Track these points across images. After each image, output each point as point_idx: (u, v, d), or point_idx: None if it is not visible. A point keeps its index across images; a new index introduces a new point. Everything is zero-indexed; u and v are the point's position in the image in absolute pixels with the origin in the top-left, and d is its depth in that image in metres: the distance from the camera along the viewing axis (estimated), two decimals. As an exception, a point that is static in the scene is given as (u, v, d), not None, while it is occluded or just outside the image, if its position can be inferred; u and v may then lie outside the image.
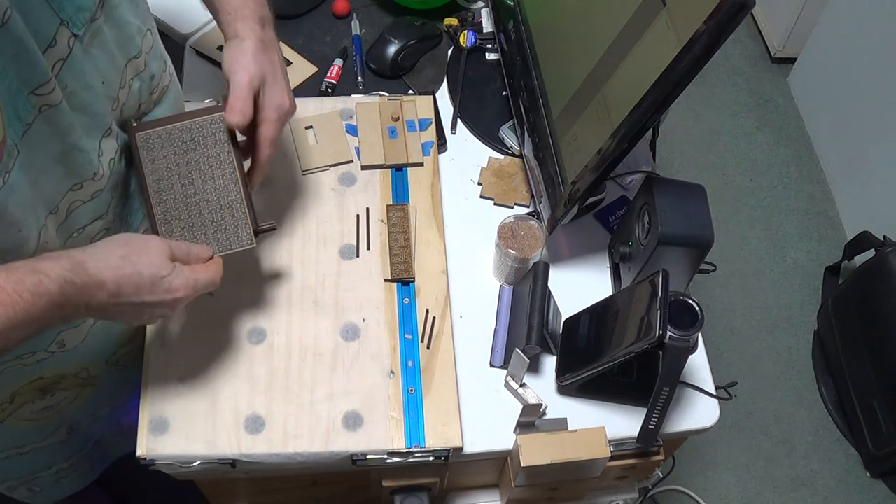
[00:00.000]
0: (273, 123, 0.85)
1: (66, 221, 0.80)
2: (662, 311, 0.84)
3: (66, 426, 1.04)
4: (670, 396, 0.87)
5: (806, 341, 2.01)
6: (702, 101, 2.37)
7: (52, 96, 0.70)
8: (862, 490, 1.83)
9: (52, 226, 0.78)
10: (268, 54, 0.86)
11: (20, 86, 0.67)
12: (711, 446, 1.84)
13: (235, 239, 0.86)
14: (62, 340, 0.87)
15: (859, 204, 2.13)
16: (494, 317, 1.03)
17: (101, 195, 0.83)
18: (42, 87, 0.69)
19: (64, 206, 0.79)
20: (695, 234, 0.91)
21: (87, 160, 0.79)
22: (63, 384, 0.95)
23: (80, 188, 0.80)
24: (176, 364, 0.94)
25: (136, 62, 0.85)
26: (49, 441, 1.03)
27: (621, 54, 0.85)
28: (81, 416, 1.04)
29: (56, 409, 0.98)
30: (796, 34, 2.32)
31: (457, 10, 1.29)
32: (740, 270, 2.10)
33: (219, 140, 0.85)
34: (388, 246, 1.03)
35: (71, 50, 0.73)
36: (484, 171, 1.14)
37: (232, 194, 0.86)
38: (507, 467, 0.98)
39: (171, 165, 0.85)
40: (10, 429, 0.96)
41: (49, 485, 1.13)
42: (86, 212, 0.83)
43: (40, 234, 0.76)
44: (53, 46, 0.70)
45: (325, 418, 0.92)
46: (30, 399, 0.93)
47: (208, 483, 1.03)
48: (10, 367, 0.85)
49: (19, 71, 0.66)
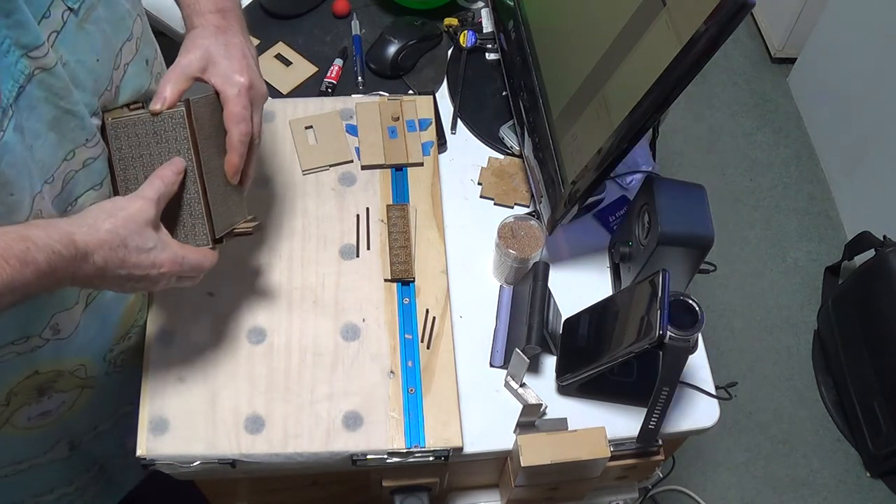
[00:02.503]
0: (232, 100, 0.82)
1: (61, 193, 0.80)
2: (662, 311, 0.84)
3: (67, 440, 1.02)
4: (670, 396, 0.87)
5: (806, 341, 2.01)
6: (702, 101, 2.37)
7: (46, 59, 0.71)
8: (862, 490, 1.83)
9: (48, 196, 0.78)
10: (223, 37, 0.84)
11: (12, 44, 0.68)
12: (711, 446, 1.85)
13: (193, 237, 0.84)
14: (56, 325, 0.86)
15: (859, 204, 2.13)
16: (494, 317, 1.03)
17: (93, 164, 0.82)
18: (35, 49, 0.69)
19: (59, 176, 0.79)
20: (695, 234, 0.91)
21: (80, 125, 0.78)
22: (60, 383, 0.94)
23: (72, 157, 0.79)
24: (176, 364, 0.94)
25: (129, 45, 0.85)
26: (50, 456, 1.01)
27: (621, 54, 0.85)
28: (82, 428, 1.02)
29: (54, 414, 0.96)
30: (796, 34, 2.32)
31: (457, 10, 1.29)
32: (740, 270, 2.10)
33: (179, 136, 0.82)
34: (388, 246, 1.03)
35: (65, 23, 0.73)
36: (484, 171, 1.14)
37: (190, 192, 0.83)
38: (507, 467, 0.98)
39: (135, 155, 0.83)
40: (8, 438, 0.94)
41: None
42: (79, 181, 0.82)
43: (34, 201, 0.75)
44: (48, 17, 0.71)
45: (325, 418, 0.92)
46: (26, 401, 0.92)
47: (208, 483, 1.03)
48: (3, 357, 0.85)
49: (11, 30, 0.67)
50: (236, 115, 0.82)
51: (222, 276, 0.99)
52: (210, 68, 0.82)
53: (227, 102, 0.82)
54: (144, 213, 0.75)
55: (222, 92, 0.82)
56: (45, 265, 0.66)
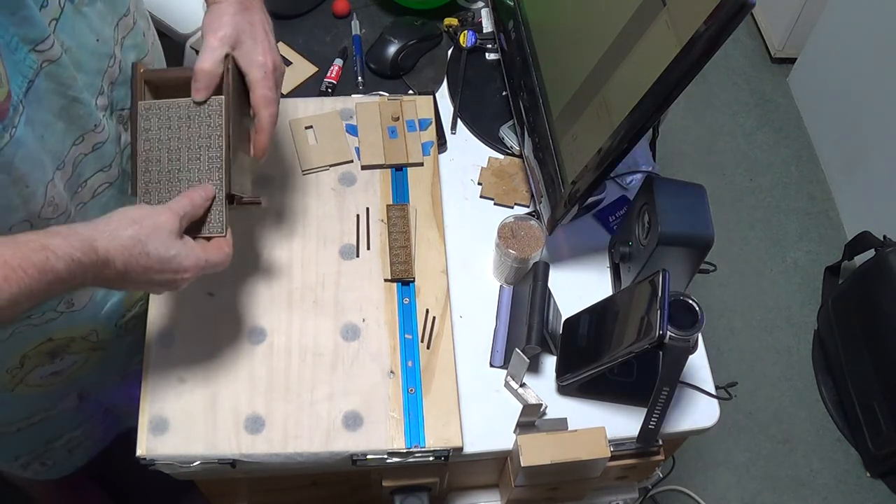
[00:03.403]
0: (260, 83, 0.83)
1: (72, 176, 0.82)
2: (662, 311, 0.84)
3: (77, 393, 1.04)
4: (670, 396, 0.87)
5: (806, 341, 2.01)
6: (702, 101, 2.37)
7: (52, 52, 0.72)
8: (862, 490, 1.83)
9: (59, 181, 0.80)
10: (247, 14, 0.84)
11: (20, 42, 0.69)
12: (711, 446, 1.84)
13: (206, 224, 0.84)
14: (70, 300, 0.88)
15: (859, 204, 2.13)
16: (494, 317, 1.03)
17: (102, 147, 0.84)
18: (41, 43, 0.71)
19: (70, 161, 0.81)
20: (695, 234, 0.91)
21: (87, 112, 0.80)
22: (72, 347, 0.95)
23: (81, 141, 0.81)
24: (176, 364, 0.94)
25: (125, 20, 0.86)
26: (60, 407, 1.03)
27: (621, 54, 0.85)
28: (91, 383, 1.04)
29: (65, 373, 0.98)
30: (796, 34, 2.32)
31: (457, 10, 1.29)
32: (740, 270, 2.10)
33: (213, 123, 0.83)
34: (388, 246, 1.03)
35: (62, 9, 0.74)
36: (484, 171, 1.14)
37: (214, 178, 0.84)
38: (507, 467, 0.98)
39: (162, 139, 0.84)
40: (21, 397, 0.97)
41: (62, 457, 1.13)
42: (88, 164, 0.84)
43: (47, 189, 0.77)
44: (46, 7, 0.72)
45: (325, 418, 0.92)
46: (39, 363, 0.94)
47: (208, 483, 1.03)
48: (19, 327, 0.86)
49: (19, 28, 0.68)
50: (265, 99, 0.83)
51: (222, 276, 0.99)
52: (237, 48, 0.83)
53: (254, 85, 0.83)
54: (169, 224, 0.76)
55: (248, 74, 0.83)
56: (64, 273, 0.67)
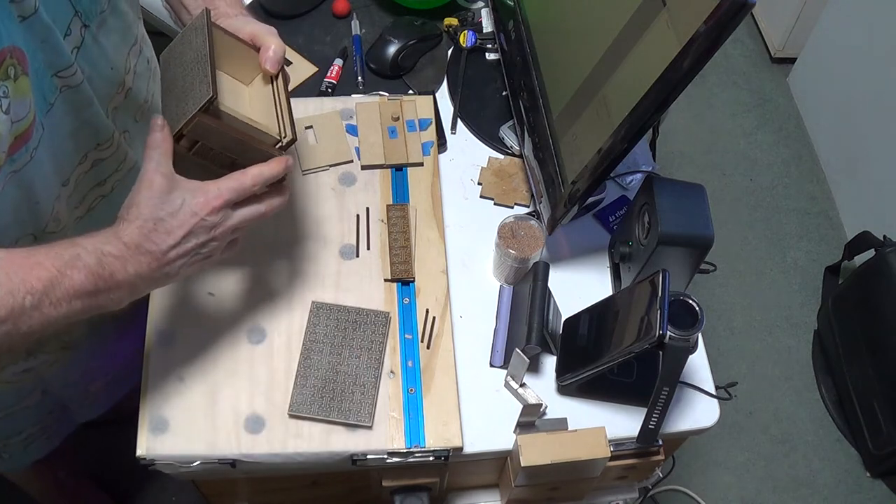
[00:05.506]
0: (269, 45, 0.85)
1: (73, 193, 0.87)
2: (662, 311, 0.84)
3: (41, 389, 1.06)
4: (670, 396, 0.87)
5: (806, 341, 2.01)
6: (702, 101, 2.37)
7: (73, 78, 0.77)
8: (862, 490, 1.83)
9: (63, 197, 0.85)
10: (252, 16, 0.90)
11: (45, 68, 0.73)
12: (711, 446, 1.84)
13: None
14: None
15: (859, 204, 2.13)
16: (494, 317, 1.03)
17: (101, 165, 0.89)
18: (65, 70, 0.76)
19: (73, 178, 0.86)
20: (695, 234, 0.91)
21: (94, 134, 0.85)
22: (47, 347, 0.99)
23: (84, 160, 0.86)
24: (176, 364, 0.94)
25: (135, 49, 0.91)
26: (24, 403, 1.05)
27: (621, 54, 0.85)
28: (55, 380, 1.07)
29: (36, 371, 1.00)
30: (796, 34, 2.32)
31: (457, 10, 1.29)
32: (740, 270, 2.10)
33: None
34: (388, 246, 1.03)
35: (83, 39, 0.79)
36: (484, 171, 1.14)
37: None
38: (507, 467, 0.98)
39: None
40: None
41: (18, 451, 1.15)
42: (87, 181, 0.89)
43: (54, 205, 0.82)
44: (69, 35, 0.77)
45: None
46: (13, 360, 0.96)
47: (208, 483, 1.03)
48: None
49: (46, 55, 0.73)
50: (268, 29, 0.85)
51: (222, 276, 0.99)
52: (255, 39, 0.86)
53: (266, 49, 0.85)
54: (154, 186, 0.76)
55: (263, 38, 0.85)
56: (96, 267, 0.70)
